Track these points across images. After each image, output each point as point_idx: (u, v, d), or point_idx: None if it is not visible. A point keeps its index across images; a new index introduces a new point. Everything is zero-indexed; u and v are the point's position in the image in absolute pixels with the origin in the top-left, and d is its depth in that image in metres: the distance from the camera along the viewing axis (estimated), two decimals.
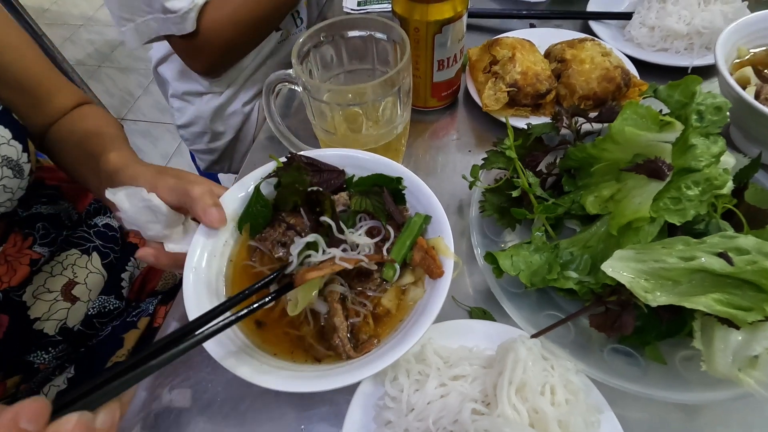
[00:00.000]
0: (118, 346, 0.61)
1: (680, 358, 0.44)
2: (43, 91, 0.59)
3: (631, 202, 0.46)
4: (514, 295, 0.49)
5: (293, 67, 0.50)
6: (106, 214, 0.69)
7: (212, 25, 0.75)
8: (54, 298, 0.56)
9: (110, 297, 0.63)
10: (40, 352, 0.56)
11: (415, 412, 0.39)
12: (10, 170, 0.49)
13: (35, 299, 0.53)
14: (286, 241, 0.45)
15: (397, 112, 0.53)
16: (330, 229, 0.44)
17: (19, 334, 0.52)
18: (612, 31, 0.78)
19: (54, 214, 0.57)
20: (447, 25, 0.59)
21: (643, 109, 0.48)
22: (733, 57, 0.62)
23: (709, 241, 0.42)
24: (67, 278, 0.57)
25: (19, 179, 0.50)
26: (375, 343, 0.41)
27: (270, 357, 0.41)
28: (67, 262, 0.58)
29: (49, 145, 0.62)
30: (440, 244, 0.43)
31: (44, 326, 0.54)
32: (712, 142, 0.45)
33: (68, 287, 0.57)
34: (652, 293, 0.41)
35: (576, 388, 0.39)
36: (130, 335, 0.62)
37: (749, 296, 0.39)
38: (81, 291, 0.58)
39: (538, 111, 0.66)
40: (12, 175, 0.49)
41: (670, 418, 0.44)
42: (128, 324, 0.63)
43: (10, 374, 0.54)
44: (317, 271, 0.40)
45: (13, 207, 0.51)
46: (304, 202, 0.46)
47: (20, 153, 0.50)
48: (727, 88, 0.56)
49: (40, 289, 0.54)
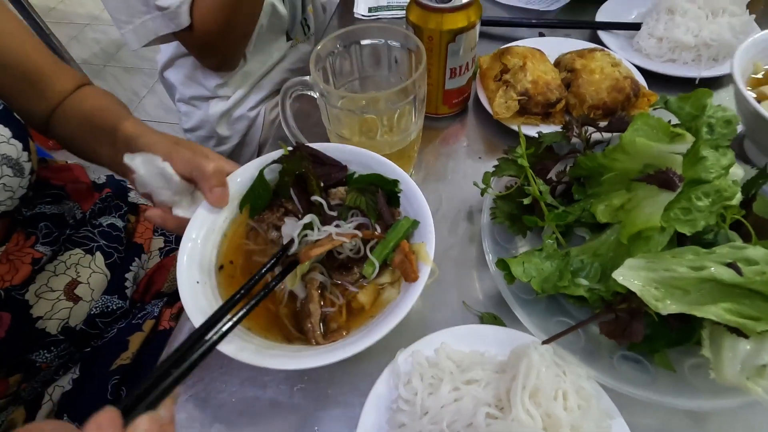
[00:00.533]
0: (123, 348, 0.61)
1: (689, 366, 0.45)
2: (45, 76, 0.59)
3: (641, 211, 0.47)
4: (525, 301, 0.50)
5: (311, 74, 0.51)
6: (111, 214, 0.69)
7: (203, 14, 0.76)
8: (56, 297, 0.56)
9: (113, 297, 0.63)
10: (42, 351, 0.56)
11: (429, 415, 0.40)
12: (10, 169, 0.49)
13: (38, 298, 0.54)
14: (281, 225, 0.47)
15: (411, 119, 0.54)
16: (321, 207, 0.47)
17: (21, 333, 0.53)
18: (620, 41, 0.79)
19: (58, 213, 0.58)
20: (460, 34, 0.60)
21: (654, 120, 0.49)
22: (749, 71, 0.63)
23: (718, 252, 0.43)
24: (70, 277, 0.58)
25: (20, 178, 0.51)
26: (343, 334, 0.43)
27: (244, 330, 0.43)
28: (70, 262, 0.58)
29: (55, 128, 0.62)
30: (422, 250, 0.45)
31: (46, 325, 0.55)
32: (721, 154, 0.46)
33: (71, 287, 0.57)
34: (663, 301, 0.42)
35: (588, 394, 0.40)
36: (135, 338, 0.62)
37: (758, 306, 0.40)
38: (84, 291, 0.59)
39: (548, 120, 0.67)
40: (12, 174, 0.50)
41: (677, 425, 0.45)
42: (133, 326, 0.63)
43: (12, 372, 0.54)
44: (319, 248, 0.43)
45: (14, 206, 0.52)
46: (294, 184, 0.49)
47: (20, 152, 0.51)
48: (744, 103, 0.57)
49: (43, 288, 0.55)
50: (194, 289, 0.42)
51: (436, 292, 0.55)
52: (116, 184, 0.73)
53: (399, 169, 0.50)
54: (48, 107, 0.61)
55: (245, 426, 0.47)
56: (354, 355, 0.50)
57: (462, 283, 0.56)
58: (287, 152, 0.50)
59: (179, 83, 0.97)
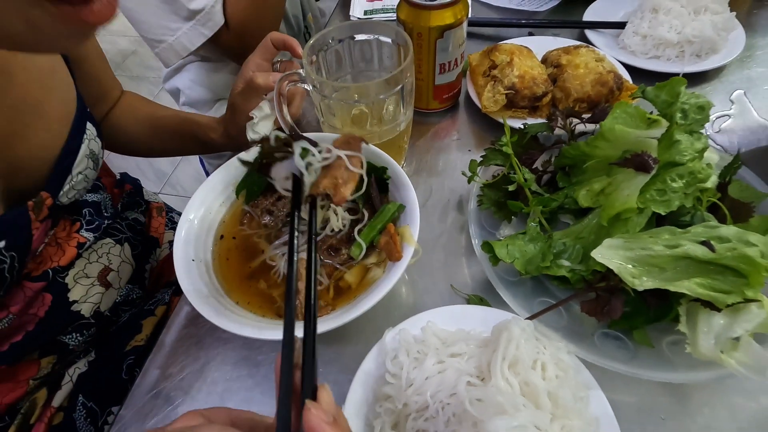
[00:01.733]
0: (137, 331, 0.65)
1: (667, 342, 0.46)
2: (106, 84, 0.70)
3: (620, 194, 0.48)
4: (509, 282, 0.51)
5: (304, 67, 0.53)
6: (135, 210, 0.73)
7: (235, 8, 0.77)
8: (91, 283, 0.59)
9: (135, 286, 0.67)
10: (75, 334, 0.59)
11: (414, 386, 0.41)
12: (92, 162, 0.56)
13: (75, 283, 0.57)
14: (274, 210, 0.49)
15: (400, 110, 0.57)
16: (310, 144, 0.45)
17: (59, 315, 0.55)
18: (607, 39, 0.81)
19: (97, 202, 0.62)
20: (448, 31, 0.63)
21: (632, 108, 0.51)
22: None
23: (693, 231, 0.45)
24: (103, 265, 0.61)
25: (95, 171, 0.57)
26: (329, 310, 0.45)
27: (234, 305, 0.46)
28: (102, 251, 0.61)
29: (110, 132, 0.72)
30: (406, 232, 0.47)
31: (81, 308, 0.58)
32: (695, 138, 0.48)
33: (104, 273, 0.60)
34: (639, 278, 0.44)
35: (566, 366, 0.41)
36: (148, 321, 0.66)
37: (730, 281, 0.41)
38: (114, 278, 0.62)
39: (535, 113, 0.70)
40: (92, 167, 0.56)
41: (657, 402, 0.46)
42: (146, 311, 0.67)
43: (45, 354, 0.57)
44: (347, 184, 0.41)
45: (83, 196, 0.58)
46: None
47: (100, 148, 0.58)
48: None
49: (80, 273, 0.58)
50: (189, 266, 0.44)
51: (426, 277, 0.57)
52: (133, 182, 0.76)
53: (387, 156, 0.52)
54: (103, 111, 0.72)
55: (239, 404, 0.49)
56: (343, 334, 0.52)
57: (450, 269, 0.58)
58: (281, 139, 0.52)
59: (185, 87, 1.00)
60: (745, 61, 0.77)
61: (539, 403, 0.37)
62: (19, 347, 0.53)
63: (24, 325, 0.53)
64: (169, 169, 2.19)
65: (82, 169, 0.54)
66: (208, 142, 0.73)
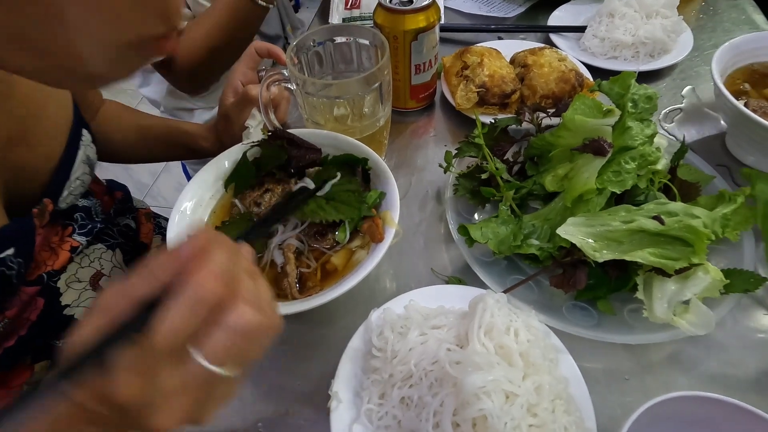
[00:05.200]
0: None
1: (627, 309, 0.51)
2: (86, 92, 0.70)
3: (581, 177, 0.53)
4: (484, 262, 0.55)
5: (287, 66, 0.57)
6: (126, 216, 0.73)
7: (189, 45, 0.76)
8: (83, 287, 0.59)
9: None
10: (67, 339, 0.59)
11: (398, 357, 0.45)
12: (88, 167, 0.57)
13: (67, 287, 0.57)
14: (262, 202, 0.53)
15: (379, 106, 0.60)
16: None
17: (51, 319, 0.55)
18: (569, 42, 0.87)
19: (88, 206, 0.62)
20: (422, 34, 0.67)
21: (589, 100, 0.56)
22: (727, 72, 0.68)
23: (645, 208, 0.50)
24: (95, 269, 0.61)
25: (90, 176, 0.59)
26: (318, 290, 0.49)
27: None
28: (94, 255, 0.61)
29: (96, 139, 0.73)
30: (387, 216, 0.51)
31: (74, 312, 0.58)
32: (645, 125, 0.53)
33: (96, 278, 0.61)
34: (600, 251, 0.48)
35: (537, 331, 0.45)
36: None
37: (678, 249, 0.46)
38: (106, 283, 0.62)
39: (505, 110, 0.74)
40: (88, 172, 0.58)
41: (622, 364, 0.51)
42: None
43: (38, 359, 0.57)
44: None
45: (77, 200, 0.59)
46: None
47: (95, 154, 0.59)
48: (725, 101, 0.60)
49: (72, 278, 0.58)
50: None
51: (407, 262, 0.60)
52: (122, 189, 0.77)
53: (368, 148, 0.56)
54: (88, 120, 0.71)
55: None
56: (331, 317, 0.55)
57: (430, 254, 0.61)
58: (266, 135, 0.55)
59: (161, 97, 1.01)
60: (693, 59, 0.84)
61: (512, 362, 0.41)
62: (12, 352, 0.52)
63: (17, 330, 0.53)
64: (150, 180, 2.17)
65: (79, 175, 0.55)
66: (198, 150, 0.74)
